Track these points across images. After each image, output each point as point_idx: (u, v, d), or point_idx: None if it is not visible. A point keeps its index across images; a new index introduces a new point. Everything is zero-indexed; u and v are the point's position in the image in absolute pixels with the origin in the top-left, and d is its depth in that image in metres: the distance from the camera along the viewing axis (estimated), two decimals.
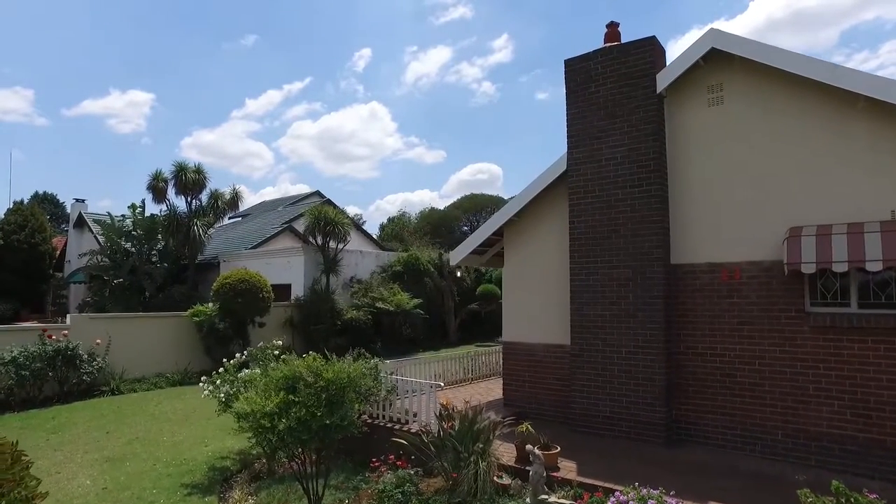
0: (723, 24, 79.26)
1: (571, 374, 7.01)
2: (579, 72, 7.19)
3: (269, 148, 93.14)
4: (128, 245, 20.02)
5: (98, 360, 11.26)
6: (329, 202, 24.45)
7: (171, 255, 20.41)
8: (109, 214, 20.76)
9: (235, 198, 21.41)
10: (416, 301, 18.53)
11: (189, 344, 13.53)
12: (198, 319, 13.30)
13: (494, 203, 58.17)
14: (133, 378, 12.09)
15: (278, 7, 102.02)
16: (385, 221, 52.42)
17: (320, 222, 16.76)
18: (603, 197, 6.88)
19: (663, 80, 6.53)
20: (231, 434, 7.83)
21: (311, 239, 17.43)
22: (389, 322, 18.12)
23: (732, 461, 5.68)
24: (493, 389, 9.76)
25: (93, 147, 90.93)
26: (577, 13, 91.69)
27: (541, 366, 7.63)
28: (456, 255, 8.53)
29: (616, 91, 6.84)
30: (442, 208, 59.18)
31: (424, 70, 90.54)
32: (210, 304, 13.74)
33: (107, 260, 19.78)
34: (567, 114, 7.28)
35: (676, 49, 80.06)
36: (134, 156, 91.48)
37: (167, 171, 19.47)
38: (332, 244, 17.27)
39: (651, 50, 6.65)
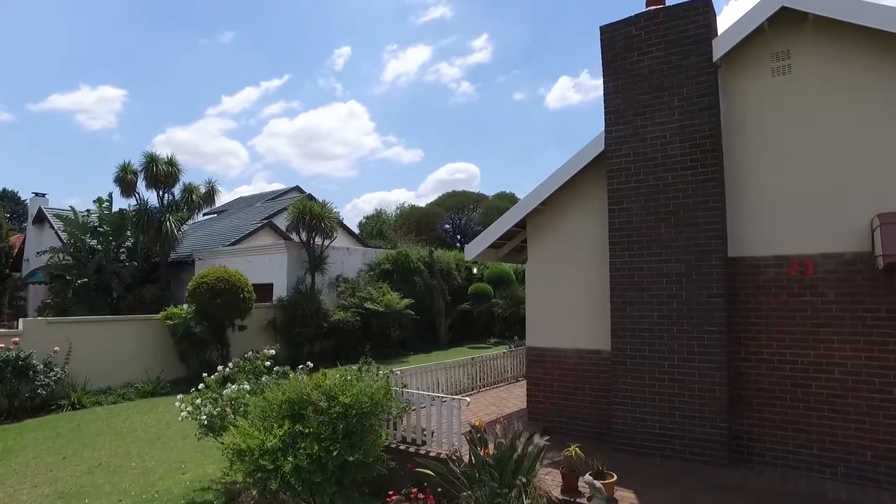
0: None
1: (612, 385, 6.12)
2: (618, 39, 6.29)
3: (245, 146, 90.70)
4: (93, 242, 18.48)
5: (56, 370, 9.94)
6: (311, 197, 23.17)
7: (142, 253, 18.94)
8: (73, 209, 19.14)
9: (211, 192, 20.04)
10: (406, 301, 17.50)
11: (162, 350, 12.24)
12: (171, 322, 12.02)
13: (476, 200, 57.42)
14: (97, 389, 10.78)
15: (259, 3, 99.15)
16: (363, 220, 51.03)
17: (305, 217, 15.60)
18: (649, 181, 6.01)
19: (720, 47, 5.68)
20: (213, 457, 6.73)
21: (294, 235, 16.26)
22: (378, 324, 17.05)
23: (815, 487, 4.85)
24: (505, 399, 8.83)
25: (60, 143, 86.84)
26: (557, 15, 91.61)
27: (572, 374, 6.73)
28: (471, 250, 7.55)
29: (664, 60, 5.97)
30: (423, 206, 58.17)
31: (404, 69, 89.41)
32: (185, 306, 12.47)
33: (69, 258, 18.21)
34: (604, 87, 6.38)
35: None
36: (104, 153, 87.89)
37: (137, 162, 18.05)
38: (317, 241, 16.12)
39: (705, 13, 5.79)
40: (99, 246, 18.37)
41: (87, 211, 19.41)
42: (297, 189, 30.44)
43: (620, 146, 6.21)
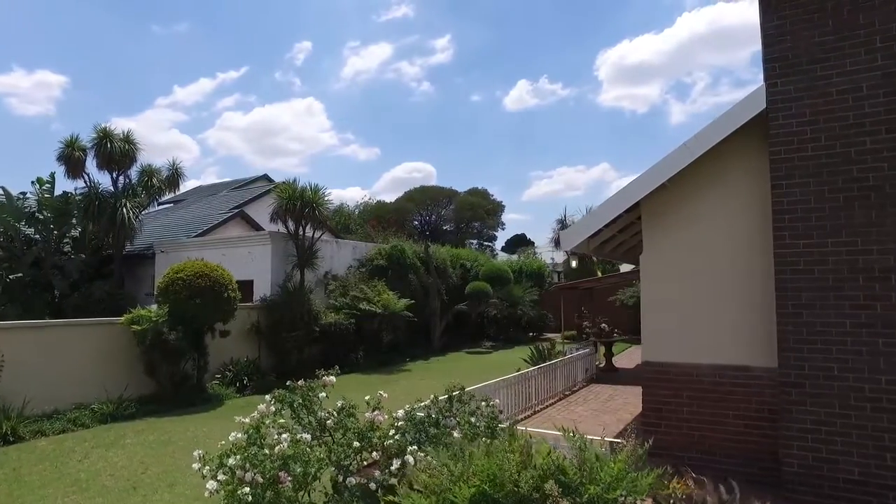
0: (651, 38, 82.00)
1: (783, 413, 4.67)
2: None
3: (196, 140, 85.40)
4: (30, 231, 15.59)
5: None
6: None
7: (91, 245, 16.18)
8: (4, 190, 16.10)
9: (175, 176, 17.49)
10: (405, 301, 15.69)
11: (124, 361, 9.92)
12: (138, 328, 9.72)
13: (448, 195, 55.90)
14: (41, 414, 8.43)
15: None
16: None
17: (295, 203, 13.48)
18: (835, 148, 4.60)
19: None
20: None
21: (279, 224, 14.09)
22: (371, 327, 15.13)
23: None
24: (579, 424, 7.27)
25: None
26: (519, 20, 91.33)
27: (710, 398, 5.24)
28: (569, 239, 5.92)
29: None
30: (391, 201, 56.07)
31: (364, 66, 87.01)
32: (155, 307, 10.20)
33: (0, 250, 15.26)
34: (763, 29, 4.94)
35: (608, 57, 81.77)
36: (40, 142, 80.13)
37: (86, 138, 15.34)
38: (307, 231, 14.04)
39: None
40: (37, 235, 15.51)
41: (23, 194, 16.40)
42: (266, 178, 27.90)
43: (790, 104, 4.77)
